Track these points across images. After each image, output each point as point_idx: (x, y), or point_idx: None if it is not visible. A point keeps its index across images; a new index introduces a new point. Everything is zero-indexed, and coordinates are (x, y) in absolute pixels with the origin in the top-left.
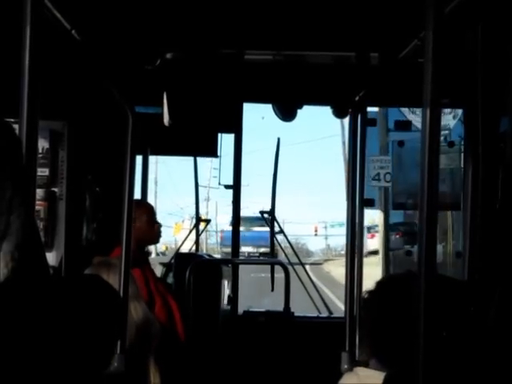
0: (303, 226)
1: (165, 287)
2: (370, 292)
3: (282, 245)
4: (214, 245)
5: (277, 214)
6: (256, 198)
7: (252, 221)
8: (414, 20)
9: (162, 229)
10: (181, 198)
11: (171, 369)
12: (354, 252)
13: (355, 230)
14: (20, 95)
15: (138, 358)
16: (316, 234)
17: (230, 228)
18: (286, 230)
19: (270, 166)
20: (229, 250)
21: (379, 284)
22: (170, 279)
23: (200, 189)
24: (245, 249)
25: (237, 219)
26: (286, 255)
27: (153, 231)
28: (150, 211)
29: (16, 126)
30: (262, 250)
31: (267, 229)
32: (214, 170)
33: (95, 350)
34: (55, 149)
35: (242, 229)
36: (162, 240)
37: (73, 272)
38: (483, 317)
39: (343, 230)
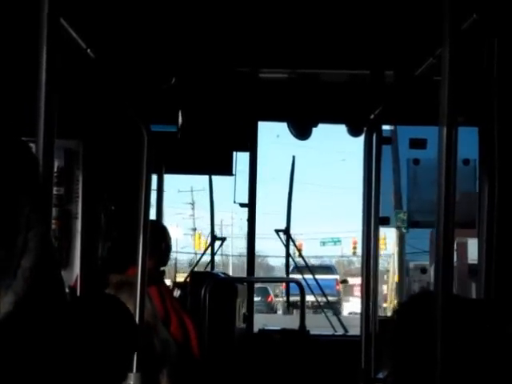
0: (314, 242)
1: (180, 305)
2: (394, 312)
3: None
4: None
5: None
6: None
7: (314, 269)
8: (429, 38)
9: None
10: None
11: None
12: (370, 270)
13: (371, 249)
14: (37, 115)
15: (152, 373)
16: (355, 253)
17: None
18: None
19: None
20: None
21: (400, 304)
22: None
23: (190, 205)
24: (308, 298)
25: (252, 238)
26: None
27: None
28: (168, 232)
29: (32, 145)
30: (330, 298)
31: (333, 276)
32: None
33: (108, 366)
34: (70, 167)
35: (306, 277)
36: None
37: (88, 291)
38: (500, 334)
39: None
